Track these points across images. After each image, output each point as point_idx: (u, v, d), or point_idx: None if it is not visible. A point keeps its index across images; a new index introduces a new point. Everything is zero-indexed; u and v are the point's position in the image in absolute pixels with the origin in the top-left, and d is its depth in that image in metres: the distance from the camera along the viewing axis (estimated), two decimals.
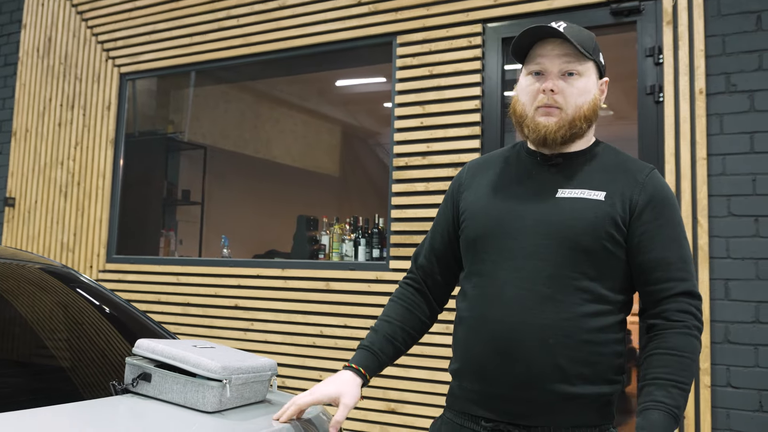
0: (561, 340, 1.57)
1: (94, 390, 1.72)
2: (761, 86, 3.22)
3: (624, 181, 1.65)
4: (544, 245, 1.62)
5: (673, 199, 1.68)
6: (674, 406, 1.50)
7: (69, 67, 5.47)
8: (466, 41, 3.92)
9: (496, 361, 1.61)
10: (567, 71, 1.66)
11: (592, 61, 1.68)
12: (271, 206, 7.62)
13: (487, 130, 3.84)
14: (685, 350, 1.55)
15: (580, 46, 1.64)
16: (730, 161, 3.25)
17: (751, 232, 3.18)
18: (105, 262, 5.10)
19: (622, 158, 1.72)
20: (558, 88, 1.65)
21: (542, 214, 1.64)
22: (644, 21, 3.51)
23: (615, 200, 1.62)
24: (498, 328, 1.61)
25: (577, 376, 1.58)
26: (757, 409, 3.09)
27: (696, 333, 1.58)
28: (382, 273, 4.02)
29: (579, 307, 1.58)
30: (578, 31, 1.69)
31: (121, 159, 5.16)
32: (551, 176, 1.69)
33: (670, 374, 1.53)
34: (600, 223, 1.60)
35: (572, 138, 1.67)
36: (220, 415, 1.61)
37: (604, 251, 1.60)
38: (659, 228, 1.62)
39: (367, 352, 1.80)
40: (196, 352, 1.65)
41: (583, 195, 1.63)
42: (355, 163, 9.33)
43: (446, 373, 3.73)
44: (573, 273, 1.59)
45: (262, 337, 4.32)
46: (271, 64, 4.83)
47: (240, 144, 7.55)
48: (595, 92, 1.69)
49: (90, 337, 2.05)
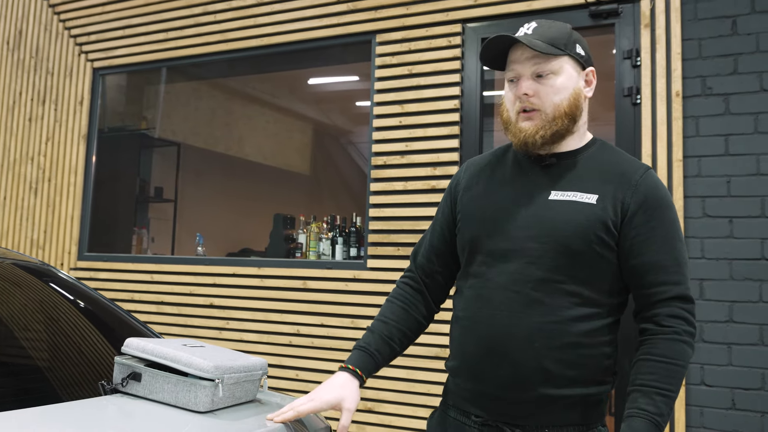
0: (547, 343, 1.58)
1: (83, 390, 1.69)
2: (736, 90, 3.28)
3: (617, 182, 1.63)
4: (534, 248, 1.62)
5: (667, 199, 1.65)
6: (657, 414, 1.51)
7: (40, 61, 5.37)
8: (446, 41, 3.93)
9: (486, 362, 1.63)
10: (538, 73, 1.65)
11: (567, 56, 1.66)
12: (242, 204, 7.56)
13: (465, 130, 3.86)
14: (673, 357, 1.55)
15: (549, 43, 1.64)
16: (706, 163, 3.30)
17: (726, 233, 3.23)
18: (76, 260, 5.02)
19: (618, 158, 1.70)
20: (532, 91, 1.65)
21: (534, 217, 1.64)
22: (622, 23, 3.55)
23: (607, 203, 1.61)
24: (488, 330, 1.63)
25: (564, 378, 1.59)
26: (730, 407, 3.14)
27: (686, 338, 1.57)
28: (360, 272, 4.01)
29: (567, 311, 1.59)
30: (548, 27, 1.69)
31: (93, 155, 5.08)
32: (545, 177, 1.68)
33: (655, 381, 1.54)
34: (591, 227, 1.59)
35: (557, 137, 1.66)
36: (212, 415, 1.59)
37: (595, 255, 1.60)
38: (652, 230, 1.60)
39: (363, 352, 1.80)
40: (188, 351, 1.63)
41: (575, 198, 1.63)
42: (326, 162, 9.30)
43: (423, 372, 3.75)
44: (562, 276, 1.60)
45: (237, 336, 4.29)
46: (246, 61, 4.79)
47: (211, 141, 7.49)
48: (576, 86, 1.67)
49: (73, 336, 2.01)
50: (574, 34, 1.72)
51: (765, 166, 3.19)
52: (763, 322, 3.12)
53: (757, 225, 3.18)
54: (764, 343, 3.11)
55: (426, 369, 3.75)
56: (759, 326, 3.12)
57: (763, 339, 3.11)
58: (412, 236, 3.89)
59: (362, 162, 9.28)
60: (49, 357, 1.88)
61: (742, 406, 3.12)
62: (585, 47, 1.72)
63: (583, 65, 1.71)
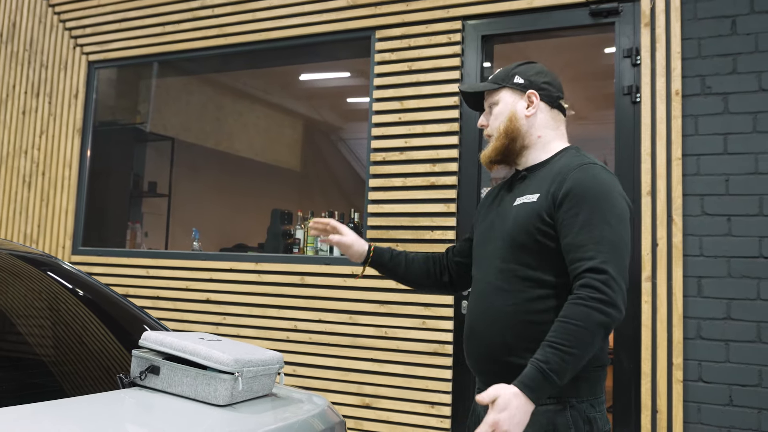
0: (508, 322, 1.88)
1: (101, 383, 1.68)
2: (735, 89, 3.31)
3: (554, 180, 1.90)
4: (498, 246, 1.96)
5: (595, 189, 1.84)
6: (543, 362, 1.67)
7: (34, 54, 5.33)
8: (446, 38, 3.93)
9: (471, 341, 1.99)
10: (488, 106, 2.07)
11: (504, 87, 2.04)
12: (234, 200, 7.54)
13: (465, 127, 3.87)
14: (571, 317, 1.71)
15: (491, 81, 2.06)
16: (705, 162, 3.33)
17: (724, 231, 3.26)
18: (71, 254, 4.99)
19: (568, 161, 1.95)
20: (486, 121, 2.08)
21: (501, 222, 1.98)
22: (622, 22, 3.57)
23: (543, 199, 1.88)
24: (471, 315, 2.00)
25: (527, 350, 1.79)
26: (727, 404, 3.18)
27: (591, 303, 1.71)
28: (358, 268, 4.01)
29: (523, 293, 1.87)
30: (501, 70, 2.09)
31: (88, 149, 5.05)
32: (517, 189, 2.01)
33: (551, 337, 1.71)
34: (530, 220, 1.88)
35: (508, 154, 2.02)
36: (231, 408, 1.59)
37: (537, 244, 1.87)
38: (574, 216, 1.81)
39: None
40: (206, 345, 1.63)
41: (525, 200, 1.93)
42: (316, 158, 9.29)
43: (420, 368, 3.76)
44: (517, 266, 1.89)
45: (234, 332, 4.28)
46: (243, 56, 4.77)
47: (202, 137, 7.46)
48: (512, 109, 2.01)
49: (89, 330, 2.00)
50: (520, 68, 2.07)
51: (763, 165, 3.22)
52: (761, 319, 3.15)
53: (755, 223, 3.21)
54: (762, 340, 3.14)
55: (424, 365, 3.76)
56: (756, 323, 3.16)
57: (760, 336, 3.15)
58: (410, 232, 3.90)
59: (352, 158, 9.27)
60: (64, 351, 1.87)
61: (739, 403, 3.15)
62: (528, 75, 2.05)
63: (523, 90, 2.03)
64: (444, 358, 3.73)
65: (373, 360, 3.90)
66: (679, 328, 3.26)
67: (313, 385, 4.02)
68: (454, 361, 3.73)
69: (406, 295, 3.84)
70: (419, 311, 3.81)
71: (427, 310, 3.79)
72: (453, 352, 3.73)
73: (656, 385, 3.29)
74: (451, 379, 3.72)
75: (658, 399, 3.28)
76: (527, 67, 2.07)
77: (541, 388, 1.66)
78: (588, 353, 1.72)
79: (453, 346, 3.73)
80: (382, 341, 3.88)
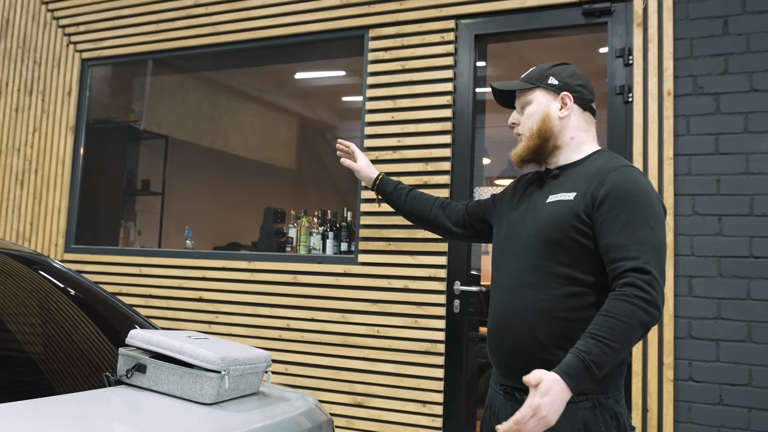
0: (539, 318, 1.88)
1: (87, 381, 1.68)
2: (727, 89, 3.32)
3: (592, 180, 1.92)
4: (529, 242, 1.96)
5: (635, 191, 1.86)
6: (585, 352, 1.69)
7: (28, 51, 5.32)
8: (439, 37, 3.94)
9: (496, 337, 1.99)
10: (521, 106, 2.11)
11: (538, 87, 2.07)
12: (228, 198, 7.53)
13: (458, 126, 3.87)
14: (614, 312, 1.73)
15: (525, 81, 2.08)
16: (696, 162, 3.34)
17: (715, 231, 3.27)
18: (63, 252, 4.98)
19: (605, 162, 1.97)
20: (516, 120, 2.12)
21: (532, 218, 1.99)
22: (615, 22, 3.57)
23: (581, 197, 1.90)
24: (498, 311, 2.00)
25: (556, 347, 1.85)
26: (717, 403, 3.19)
27: (634, 300, 1.73)
28: (350, 267, 4.02)
29: (555, 290, 1.89)
30: (534, 69, 2.13)
31: (81, 146, 5.04)
32: (549, 186, 2.03)
33: (593, 329, 1.73)
34: (566, 218, 1.89)
35: (540, 154, 2.05)
36: (217, 407, 1.60)
37: (572, 241, 1.88)
38: (616, 216, 1.83)
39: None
40: (193, 343, 1.63)
41: (560, 198, 1.94)
42: (311, 157, 9.28)
43: (413, 366, 3.77)
44: (549, 262, 1.90)
45: (227, 330, 4.28)
46: (237, 55, 4.77)
47: (197, 135, 7.45)
48: (545, 109, 2.04)
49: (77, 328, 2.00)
50: (554, 69, 2.10)
51: (754, 166, 3.23)
52: (751, 319, 3.16)
53: (746, 223, 3.22)
54: (752, 340, 3.15)
55: (415, 363, 3.76)
56: (747, 323, 3.17)
57: (750, 336, 3.16)
58: (403, 231, 3.90)
59: None
60: (52, 349, 1.87)
61: (729, 402, 3.16)
62: (562, 77, 2.08)
63: (557, 91, 2.06)
64: (436, 357, 3.73)
65: (365, 359, 3.90)
66: (669, 327, 3.27)
67: (305, 383, 4.02)
68: (446, 360, 3.74)
69: (398, 295, 3.84)
70: (411, 310, 3.81)
71: (419, 309, 3.79)
72: (445, 351, 3.73)
73: (647, 384, 3.29)
74: (443, 378, 3.72)
75: (648, 398, 3.29)
76: (562, 69, 2.10)
77: (581, 378, 1.68)
78: (627, 349, 1.75)
79: (445, 345, 3.73)
80: (374, 340, 3.88)
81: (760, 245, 3.19)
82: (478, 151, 3.93)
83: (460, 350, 3.74)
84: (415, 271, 3.84)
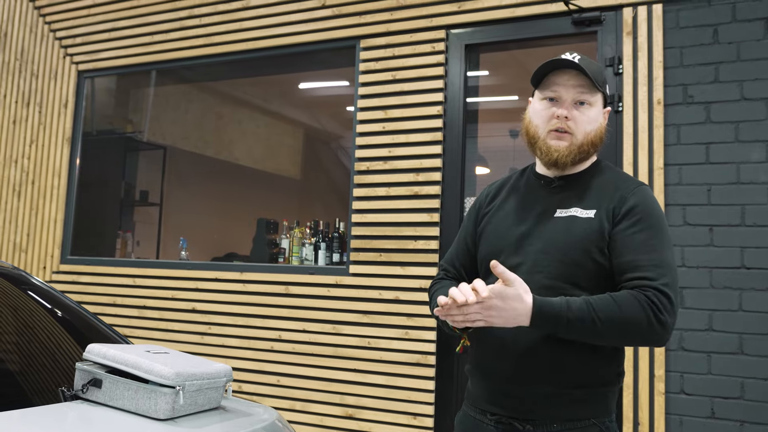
0: (550, 345, 1.70)
1: (43, 396, 1.67)
2: (717, 98, 3.28)
3: (612, 197, 1.78)
4: (541, 260, 1.77)
5: (656, 211, 1.76)
6: (571, 309, 1.61)
7: (25, 63, 5.35)
8: (430, 47, 3.92)
9: (497, 363, 1.77)
10: (579, 101, 1.82)
11: (601, 93, 1.85)
12: (230, 208, 7.53)
13: (448, 136, 3.85)
14: (622, 303, 1.62)
15: (594, 77, 1.80)
16: (687, 171, 3.30)
17: (706, 242, 3.23)
18: (59, 263, 4.99)
19: (616, 176, 1.86)
20: (571, 116, 1.82)
21: (541, 233, 1.80)
22: (605, 31, 3.55)
23: (602, 216, 1.76)
24: (500, 334, 1.76)
25: (566, 377, 1.70)
26: (709, 416, 3.13)
27: (646, 308, 1.62)
28: (342, 278, 4.00)
29: None
30: (590, 63, 1.84)
31: (77, 158, 5.06)
32: (552, 198, 1.85)
33: (592, 299, 1.64)
34: (588, 238, 1.74)
35: (580, 161, 1.85)
36: (172, 423, 1.57)
37: (594, 263, 1.73)
38: (633, 234, 1.71)
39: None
40: (149, 358, 1.61)
41: (576, 213, 1.78)
42: (316, 167, 9.27)
43: (404, 378, 3.74)
44: (565, 284, 1.73)
45: (219, 341, 4.27)
46: (233, 65, 4.78)
47: (200, 145, 7.46)
48: (601, 120, 1.85)
49: (40, 341, 1.99)
50: (605, 75, 1.90)
51: (745, 175, 3.19)
52: (743, 330, 3.11)
53: (737, 233, 3.17)
54: (744, 352, 3.10)
55: (406, 375, 3.73)
56: (738, 335, 3.12)
57: (742, 348, 3.11)
58: (394, 242, 3.88)
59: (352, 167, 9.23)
60: (13, 361, 1.86)
61: (721, 415, 3.11)
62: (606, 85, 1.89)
63: (605, 104, 1.89)
64: (427, 369, 3.70)
65: (356, 370, 3.87)
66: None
67: (295, 395, 4.00)
68: (437, 372, 3.70)
69: (390, 306, 3.82)
70: (402, 322, 3.78)
71: (410, 320, 3.76)
72: (436, 363, 3.70)
73: (638, 397, 3.25)
74: (434, 390, 3.69)
75: (639, 411, 3.24)
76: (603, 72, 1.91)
77: (546, 320, 1.61)
78: (603, 339, 1.65)
79: (436, 357, 3.70)
80: (365, 351, 3.86)
81: (752, 256, 3.14)
82: (469, 161, 3.90)
83: (451, 362, 3.70)
84: (407, 282, 3.81)
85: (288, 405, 3.99)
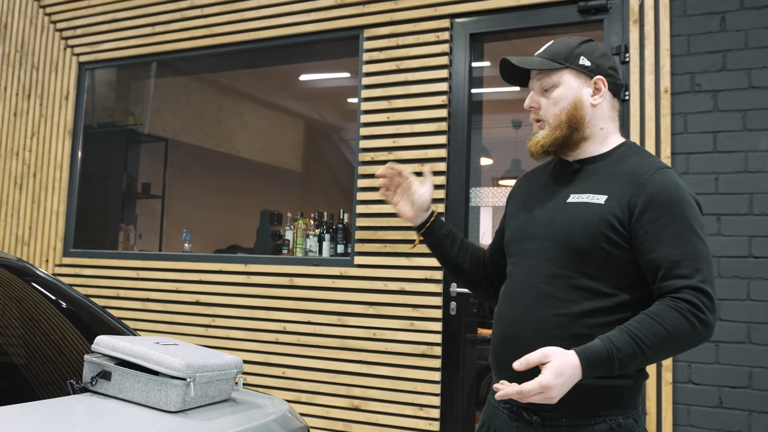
0: (555, 334, 1.65)
1: (51, 389, 1.65)
2: (725, 86, 3.26)
3: (627, 183, 1.69)
4: (549, 246, 1.73)
5: (681, 196, 1.67)
6: (615, 346, 1.53)
7: (25, 55, 5.32)
8: (434, 36, 3.89)
9: (504, 352, 1.74)
10: (543, 87, 1.81)
11: (568, 68, 1.78)
12: (232, 201, 7.51)
13: (453, 126, 3.83)
14: (663, 318, 1.55)
15: (550, 59, 1.78)
16: (694, 160, 3.28)
17: (714, 231, 3.21)
18: (62, 256, 4.97)
19: (637, 159, 1.76)
20: (536, 104, 1.82)
21: (551, 219, 1.76)
22: (611, 20, 3.52)
23: (614, 203, 1.68)
24: (506, 322, 1.76)
25: None
26: (717, 405, 3.12)
27: (686, 314, 1.55)
28: (347, 269, 3.98)
29: (576, 305, 1.66)
30: (556, 44, 1.83)
31: (79, 150, 5.03)
32: (568, 183, 1.80)
33: (632, 327, 1.56)
34: (596, 225, 1.66)
35: (566, 144, 1.78)
36: (183, 415, 1.56)
37: (602, 252, 1.66)
38: (662, 227, 1.63)
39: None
40: (159, 350, 1.59)
41: (587, 199, 1.71)
42: (318, 159, 9.25)
43: (409, 370, 3.72)
44: (572, 272, 1.68)
45: (224, 333, 4.26)
46: (235, 56, 4.75)
47: (201, 137, 7.43)
48: (576, 95, 1.77)
49: (46, 334, 1.97)
50: (584, 46, 1.81)
51: (753, 164, 3.17)
52: (751, 320, 3.10)
53: (745, 222, 3.16)
54: (751, 341, 3.09)
55: (412, 367, 3.72)
56: (746, 324, 3.10)
57: (750, 337, 3.09)
58: (399, 233, 3.86)
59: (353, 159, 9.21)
60: (20, 355, 1.84)
61: (729, 405, 3.10)
62: (594, 57, 1.81)
63: (590, 75, 1.79)
64: (433, 360, 3.69)
65: (361, 362, 3.86)
66: None
67: (301, 387, 3.99)
68: (442, 362, 3.69)
69: (395, 297, 3.80)
70: (408, 312, 3.76)
71: (415, 311, 3.75)
72: (442, 354, 3.69)
73: (645, 386, 3.23)
74: (439, 381, 3.68)
75: (647, 401, 3.23)
76: (592, 47, 1.84)
77: (598, 369, 1.54)
78: (657, 360, 1.60)
79: (441, 347, 3.69)
80: (370, 343, 3.84)
81: (760, 245, 3.12)
82: (474, 151, 3.88)
83: (456, 353, 3.69)
84: (411, 273, 3.80)
85: (294, 397, 3.98)
